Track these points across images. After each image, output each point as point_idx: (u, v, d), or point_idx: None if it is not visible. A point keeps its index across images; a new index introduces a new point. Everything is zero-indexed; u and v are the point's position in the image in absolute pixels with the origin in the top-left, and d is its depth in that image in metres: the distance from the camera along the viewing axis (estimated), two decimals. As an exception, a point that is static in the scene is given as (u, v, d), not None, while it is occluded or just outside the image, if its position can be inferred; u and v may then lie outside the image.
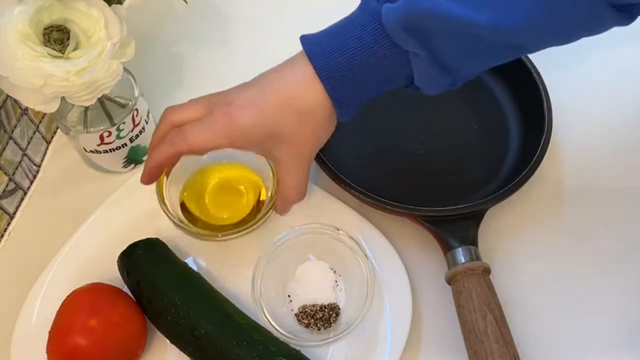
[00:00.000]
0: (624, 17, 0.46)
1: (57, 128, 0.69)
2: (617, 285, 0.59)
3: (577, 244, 0.62)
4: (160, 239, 0.59)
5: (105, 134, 0.60)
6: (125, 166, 0.65)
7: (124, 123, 0.60)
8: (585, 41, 0.74)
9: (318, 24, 0.69)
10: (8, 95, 0.57)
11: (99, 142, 0.60)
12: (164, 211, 0.58)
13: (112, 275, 0.57)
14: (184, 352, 0.54)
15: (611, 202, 0.64)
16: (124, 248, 0.57)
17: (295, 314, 0.57)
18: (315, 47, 0.50)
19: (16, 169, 0.63)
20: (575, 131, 0.68)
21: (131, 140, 0.62)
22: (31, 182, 0.65)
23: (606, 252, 0.61)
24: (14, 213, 0.64)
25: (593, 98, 0.71)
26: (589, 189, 0.65)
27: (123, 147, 0.62)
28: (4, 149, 0.60)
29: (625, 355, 0.57)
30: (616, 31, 0.78)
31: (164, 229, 0.61)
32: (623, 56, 0.74)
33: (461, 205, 0.58)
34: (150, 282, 0.55)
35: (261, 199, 0.61)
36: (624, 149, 0.67)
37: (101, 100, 0.59)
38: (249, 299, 0.56)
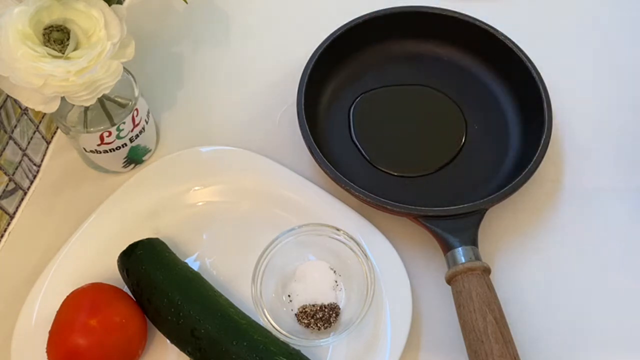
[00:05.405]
0: None
1: (57, 128, 0.69)
2: (617, 285, 0.60)
3: (577, 244, 0.62)
4: (160, 239, 0.59)
5: (105, 134, 0.60)
6: (125, 166, 0.65)
7: (124, 123, 0.60)
8: (586, 41, 0.75)
9: (318, 24, 0.70)
10: (8, 95, 0.57)
11: (99, 142, 0.60)
12: None
13: (112, 275, 0.57)
14: (184, 352, 0.54)
15: (611, 202, 0.64)
16: (124, 248, 0.57)
17: (295, 314, 0.57)
18: None
19: (16, 169, 0.63)
20: (575, 131, 0.68)
21: (131, 140, 0.62)
22: (31, 182, 0.65)
23: (606, 252, 0.61)
24: (14, 213, 0.64)
25: (593, 98, 0.71)
26: (588, 189, 0.65)
27: (123, 147, 0.62)
28: (4, 149, 0.60)
29: (625, 355, 0.57)
30: (616, 32, 0.78)
31: (163, 229, 0.61)
32: (623, 56, 0.74)
33: (461, 205, 0.58)
34: (150, 282, 0.55)
35: None
36: (623, 148, 0.67)
37: (101, 100, 0.59)
38: (249, 299, 0.56)
